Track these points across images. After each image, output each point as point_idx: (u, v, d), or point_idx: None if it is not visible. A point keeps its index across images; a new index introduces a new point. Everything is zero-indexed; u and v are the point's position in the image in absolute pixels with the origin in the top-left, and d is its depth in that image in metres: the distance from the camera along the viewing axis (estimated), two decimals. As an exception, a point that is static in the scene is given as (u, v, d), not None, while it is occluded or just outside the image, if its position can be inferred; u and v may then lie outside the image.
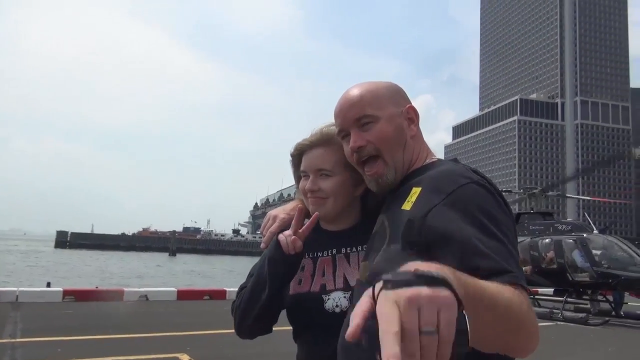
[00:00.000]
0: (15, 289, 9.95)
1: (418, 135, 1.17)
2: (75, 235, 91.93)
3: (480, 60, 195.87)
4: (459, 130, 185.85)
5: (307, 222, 1.26)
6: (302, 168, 1.32)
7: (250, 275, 1.35)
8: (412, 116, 1.15)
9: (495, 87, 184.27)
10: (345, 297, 1.23)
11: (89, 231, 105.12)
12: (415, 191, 1.04)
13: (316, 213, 1.27)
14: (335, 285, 1.26)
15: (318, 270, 1.30)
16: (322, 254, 1.31)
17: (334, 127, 1.24)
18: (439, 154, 1.23)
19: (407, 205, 1.04)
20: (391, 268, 0.94)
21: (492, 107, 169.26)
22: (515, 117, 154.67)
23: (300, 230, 1.25)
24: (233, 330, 1.35)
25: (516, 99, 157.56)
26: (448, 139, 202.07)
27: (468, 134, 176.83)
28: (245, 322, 1.30)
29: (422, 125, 1.20)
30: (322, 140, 1.30)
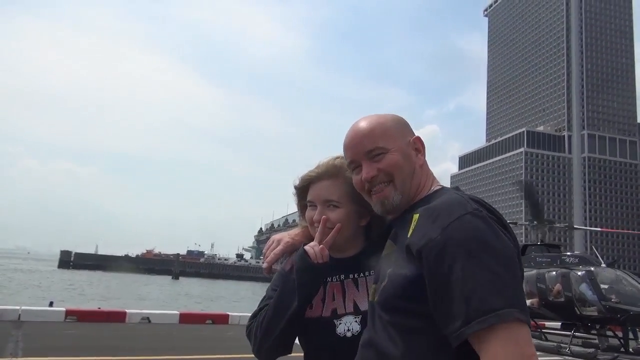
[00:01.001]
0: (17, 307, 9.91)
1: (425, 164, 1.23)
2: (79, 255, 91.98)
3: (487, 92, 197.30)
4: (465, 160, 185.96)
5: (332, 231, 1.33)
6: (309, 198, 1.37)
7: (265, 298, 1.38)
8: (418, 146, 1.23)
9: (501, 119, 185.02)
10: (356, 321, 1.27)
11: (92, 252, 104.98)
12: (415, 219, 1.10)
13: (339, 224, 1.33)
14: (345, 309, 1.30)
15: (328, 295, 1.33)
16: (332, 280, 1.35)
17: (340, 159, 1.34)
18: (445, 183, 1.29)
19: (409, 233, 1.09)
20: (394, 293, 1.04)
21: (499, 139, 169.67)
22: (522, 149, 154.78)
23: (326, 240, 1.31)
24: (235, 356, 1.37)
25: (523, 131, 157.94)
26: (454, 168, 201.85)
27: (474, 165, 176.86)
28: (266, 342, 1.31)
29: (429, 154, 1.27)
30: (329, 173, 1.36)
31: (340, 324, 1.27)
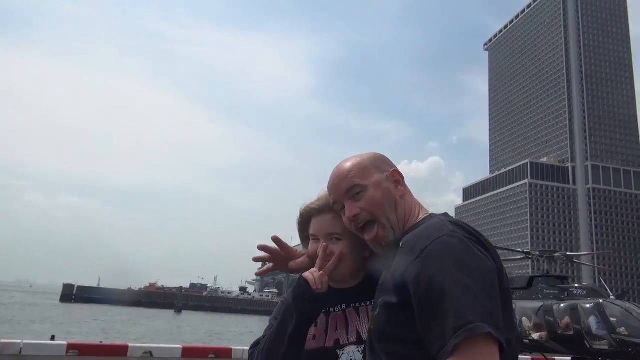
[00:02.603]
0: (19, 341, 9.76)
1: (406, 194, 1.26)
2: (82, 289, 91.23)
3: (490, 124, 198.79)
4: (469, 192, 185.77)
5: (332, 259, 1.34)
6: (311, 232, 1.39)
7: (267, 328, 1.38)
8: (397, 178, 1.26)
9: (505, 150, 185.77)
10: (359, 350, 1.27)
11: (95, 285, 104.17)
12: (400, 247, 1.15)
13: (339, 250, 1.34)
14: (348, 339, 1.30)
15: (331, 325, 1.34)
16: (334, 310, 1.36)
17: None
18: (450, 214, 1.29)
19: (394, 262, 1.14)
20: (385, 321, 1.06)
21: (503, 170, 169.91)
22: (525, 180, 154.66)
23: (327, 266, 1.32)
24: None
25: (526, 163, 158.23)
26: (458, 200, 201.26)
27: (479, 196, 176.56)
28: None
29: (433, 186, 1.32)
30: (330, 206, 1.35)
31: (343, 354, 1.27)
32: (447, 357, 0.89)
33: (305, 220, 1.42)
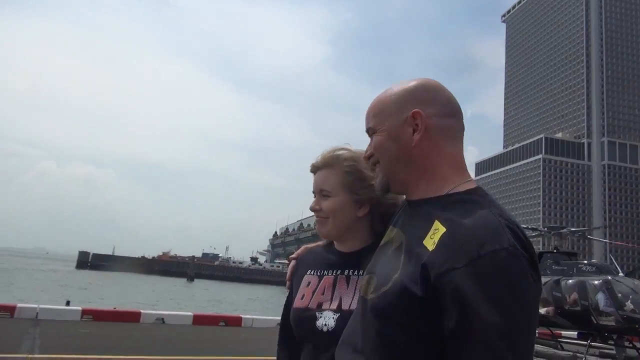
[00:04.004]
0: (35, 306, 10.09)
1: (427, 144, 1.03)
2: (97, 256, 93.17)
3: (505, 98, 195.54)
4: (482, 166, 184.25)
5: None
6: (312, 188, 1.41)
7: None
8: (418, 122, 1.02)
9: (519, 125, 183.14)
10: (333, 318, 1.25)
11: (110, 253, 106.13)
12: (438, 229, 0.94)
13: (320, 206, 1.37)
14: (330, 305, 1.28)
15: (319, 287, 1.33)
16: (327, 273, 1.35)
17: (341, 150, 1.36)
18: None
19: (428, 243, 0.94)
20: (397, 304, 0.92)
21: (516, 145, 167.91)
22: (539, 156, 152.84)
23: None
24: (247, 357, 1.43)
25: (541, 138, 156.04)
26: (471, 174, 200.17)
27: (491, 171, 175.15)
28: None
29: None
30: (325, 163, 1.36)
31: (320, 317, 1.27)
32: None
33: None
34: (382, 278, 0.98)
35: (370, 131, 1.11)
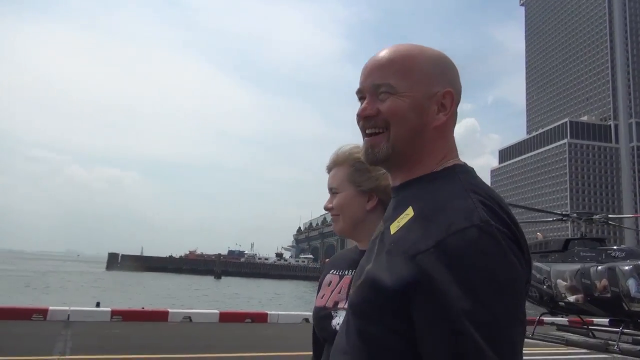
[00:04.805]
0: (67, 308, 10.33)
1: (444, 128, 0.93)
2: (126, 257, 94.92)
3: (526, 83, 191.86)
4: (505, 154, 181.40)
5: None
6: None
7: None
8: (446, 103, 0.92)
9: (542, 110, 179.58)
10: None
11: (138, 253, 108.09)
12: (408, 214, 0.86)
13: (331, 205, 1.38)
14: (345, 304, 1.27)
15: (338, 287, 1.34)
16: (347, 272, 1.36)
17: (350, 149, 1.35)
18: (485, 178, 1.07)
19: (394, 227, 0.87)
20: (369, 297, 0.83)
21: (540, 130, 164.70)
22: (565, 140, 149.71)
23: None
24: (273, 353, 1.41)
25: (565, 122, 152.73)
26: (494, 162, 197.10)
27: (515, 158, 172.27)
28: None
29: (467, 149, 1.07)
30: (336, 162, 1.39)
31: (336, 316, 1.27)
32: None
33: None
34: (358, 272, 0.92)
35: (385, 88, 0.91)
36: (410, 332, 0.78)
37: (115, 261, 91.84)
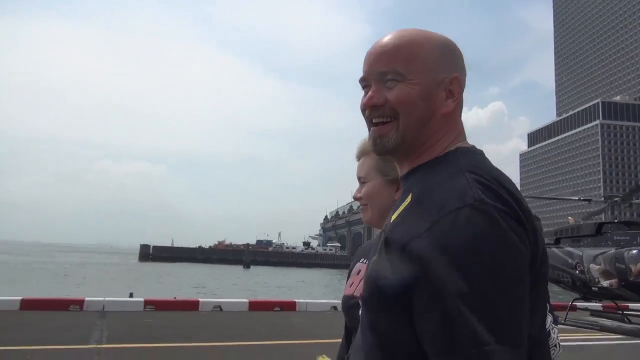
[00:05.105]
0: (102, 298, 10.64)
1: (453, 115, 0.91)
2: (157, 248, 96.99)
3: (555, 63, 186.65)
4: (535, 137, 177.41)
5: None
6: None
7: None
8: (454, 89, 0.90)
9: (573, 91, 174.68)
10: None
11: (169, 244, 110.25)
12: (407, 201, 0.84)
13: (359, 194, 1.39)
14: None
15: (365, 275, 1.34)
16: None
17: None
18: (514, 162, 0.96)
19: (394, 216, 0.85)
20: (375, 290, 0.79)
21: (571, 112, 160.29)
22: (597, 121, 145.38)
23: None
24: (302, 341, 1.42)
25: (597, 102, 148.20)
26: (523, 146, 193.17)
27: (545, 141, 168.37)
28: None
29: (495, 133, 1.00)
30: (363, 151, 1.38)
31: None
32: None
33: None
34: (368, 264, 0.90)
35: (392, 75, 0.88)
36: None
37: (147, 252, 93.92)
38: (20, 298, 10.12)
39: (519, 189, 0.82)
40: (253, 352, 6.84)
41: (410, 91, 0.87)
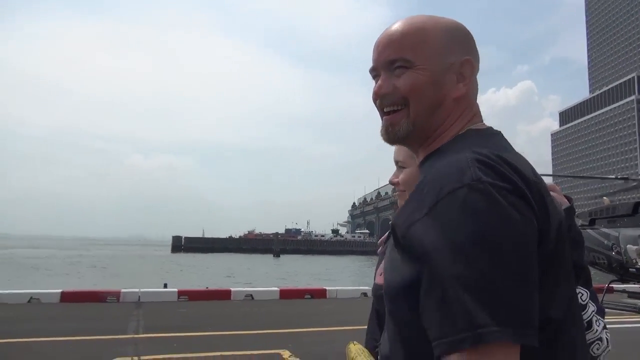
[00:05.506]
0: (137, 290, 10.92)
1: (465, 98, 0.90)
2: (189, 239, 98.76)
3: (588, 38, 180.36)
4: (567, 115, 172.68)
5: None
6: None
7: None
8: (466, 71, 0.89)
9: (606, 66, 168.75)
10: None
11: (200, 235, 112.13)
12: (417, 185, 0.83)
13: (397, 180, 1.37)
14: None
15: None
16: None
17: None
18: (545, 142, 0.91)
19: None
20: (390, 280, 0.80)
21: (605, 88, 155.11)
22: (633, 97, 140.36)
23: None
24: (332, 328, 1.41)
25: (633, 77, 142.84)
26: (555, 125, 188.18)
27: (578, 119, 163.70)
28: None
29: (525, 113, 0.94)
30: None
31: None
32: None
33: None
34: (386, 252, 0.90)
35: (400, 63, 0.88)
36: None
37: (179, 244, 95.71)
38: (60, 291, 10.49)
39: (552, 170, 0.76)
40: (285, 340, 6.92)
41: (419, 77, 0.87)
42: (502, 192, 0.71)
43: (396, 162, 1.36)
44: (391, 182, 1.36)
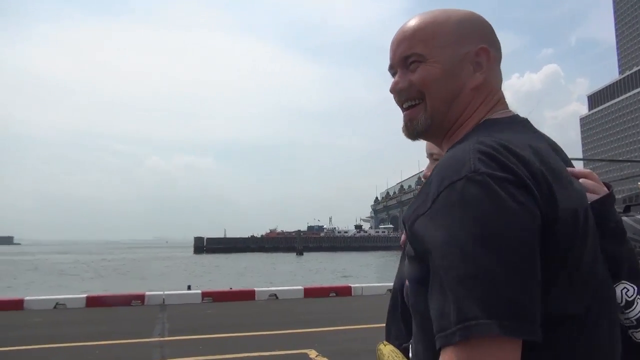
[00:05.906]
0: (161, 292, 10.93)
1: (485, 87, 0.89)
2: (211, 240, 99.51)
3: (615, 17, 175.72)
4: (596, 98, 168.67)
5: None
6: None
7: None
8: (481, 60, 0.88)
9: (636, 45, 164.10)
10: None
11: (221, 235, 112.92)
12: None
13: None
14: None
15: None
16: None
17: None
18: (574, 127, 0.81)
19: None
20: (409, 272, 0.80)
21: (635, 69, 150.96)
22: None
23: None
24: (358, 326, 1.27)
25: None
26: (583, 109, 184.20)
27: (608, 102, 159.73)
28: None
29: (551, 98, 0.90)
30: None
31: None
32: (443, 354, 0.66)
33: None
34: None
35: (414, 58, 0.89)
36: None
37: (201, 245, 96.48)
38: (85, 296, 10.55)
39: (582, 153, 0.71)
40: (311, 339, 6.79)
41: (433, 70, 0.88)
42: (500, 182, 0.70)
43: (430, 155, 1.31)
44: (425, 177, 1.28)
